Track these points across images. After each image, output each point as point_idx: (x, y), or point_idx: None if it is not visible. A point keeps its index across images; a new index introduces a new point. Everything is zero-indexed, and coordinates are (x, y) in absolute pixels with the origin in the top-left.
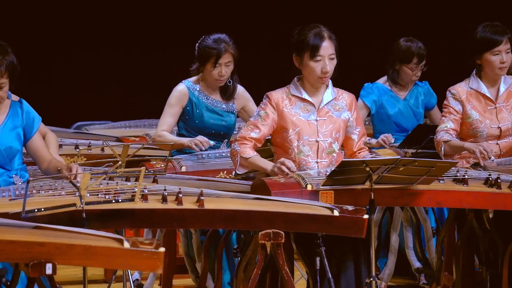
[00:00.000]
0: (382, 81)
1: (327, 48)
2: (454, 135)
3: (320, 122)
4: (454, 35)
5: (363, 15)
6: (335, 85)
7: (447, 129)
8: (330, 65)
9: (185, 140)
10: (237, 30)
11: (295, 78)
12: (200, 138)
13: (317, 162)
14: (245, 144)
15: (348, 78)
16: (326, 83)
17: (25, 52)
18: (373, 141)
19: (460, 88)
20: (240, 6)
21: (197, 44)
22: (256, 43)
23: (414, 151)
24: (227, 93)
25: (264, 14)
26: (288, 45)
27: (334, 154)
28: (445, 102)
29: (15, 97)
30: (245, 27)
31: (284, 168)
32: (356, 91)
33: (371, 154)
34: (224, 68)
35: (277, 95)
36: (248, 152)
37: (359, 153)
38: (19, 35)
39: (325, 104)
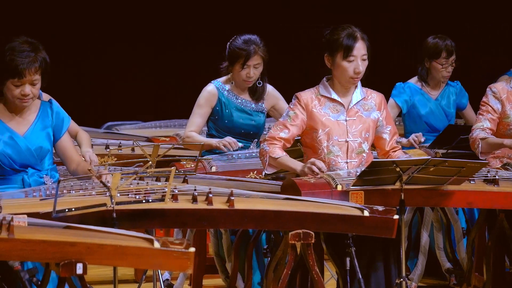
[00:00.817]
0: (413, 80)
1: (360, 48)
2: (489, 134)
3: (349, 122)
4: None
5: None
6: None
7: (483, 128)
8: (362, 66)
9: (213, 141)
10: (268, 30)
11: (324, 79)
12: (229, 139)
13: (346, 163)
14: (274, 144)
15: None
16: (356, 84)
17: (57, 52)
18: (404, 140)
19: (501, 87)
20: (269, 5)
21: (228, 44)
22: (285, 43)
23: (444, 151)
24: (256, 94)
25: (292, 13)
26: (319, 45)
27: (364, 154)
28: (483, 99)
29: (46, 97)
30: (276, 26)
31: (314, 168)
32: None
33: (405, 154)
34: (253, 70)
35: (306, 95)
36: (277, 152)
37: (393, 151)
38: (51, 34)
39: (355, 104)
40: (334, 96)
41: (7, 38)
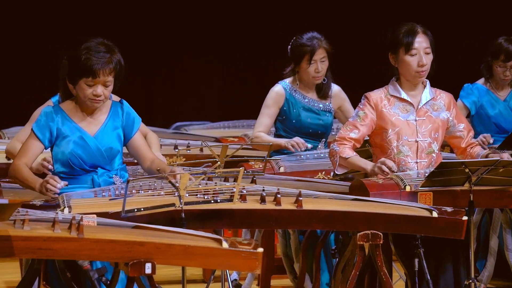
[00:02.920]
0: (481, 81)
1: (421, 42)
2: None
3: (419, 122)
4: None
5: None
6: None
7: None
8: (426, 59)
9: (282, 141)
10: (332, 32)
11: (393, 79)
12: (297, 139)
13: (416, 163)
14: (344, 144)
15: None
16: (423, 78)
17: (127, 52)
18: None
19: None
20: (336, 5)
21: (290, 45)
22: (352, 45)
23: None
24: (322, 91)
25: (356, 15)
26: (383, 45)
27: (434, 155)
28: None
29: (115, 97)
30: (341, 29)
31: (384, 168)
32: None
33: (484, 150)
34: (320, 64)
35: (376, 95)
36: (347, 152)
37: (471, 148)
38: (122, 37)
39: (424, 104)
40: (404, 96)
41: (83, 38)
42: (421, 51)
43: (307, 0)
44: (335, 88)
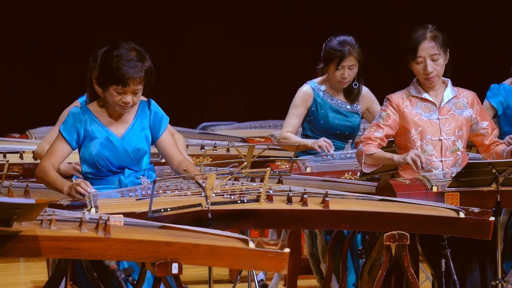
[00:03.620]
0: (508, 82)
1: (427, 48)
2: None
3: (442, 120)
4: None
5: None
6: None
7: None
8: (432, 66)
9: (309, 142)
10: (363, 33)
11: (415, 79)
12: (324, 140)
13: (441, 161)
14: (369, 143)
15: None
16: (434, 84)
17: (153, 53)
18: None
19: None
20: (369, 7)
21: (324, 45)
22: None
23: None
24: (351, 95)
25: (387, 14)
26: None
27: (459, 153)
28: None
29: (142, 97)
30: (370, 30)
31: (418, 162)
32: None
33: (509, 145)
34: (347, 71)
35: (397, 97)
36: (373, 149)
37: (496, 146)
38: (148, 36)
39: (446, 103)
40: (425, 95)
41: (114, 42)
42: (427, 59)
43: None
44: (364, 90)
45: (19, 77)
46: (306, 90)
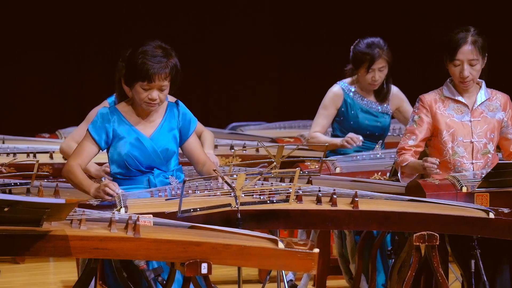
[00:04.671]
0: None
1: (466, 53)
2: None
3: (474, 123)
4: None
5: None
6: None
7: None
8: (468, 71)
9: (337, 140)
10: (392, 32)
11: (448, 80)
12: (351, 135)
13: (472, 163)
14: (403, 154)
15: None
16: (468, 87)
17: (183, 53)
18: None
19: None
20: (396, 7)
21: (352, 48)
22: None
23: None
24: (381, 95)
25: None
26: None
27: (489, 155)
28: None
29: (171, 98)
30: (399, 29)
31: (427, 164)
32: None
33: None
34: (378, 73)
35: (430, 97)
36: (406, 158)
37: None
38: (178, 36)
39: (479, 105)
40: (458, 97)
41: (140, 39)
42: (464, 63)
43: (368, 1)
44: (394, 90)
45: (50, 77)
46: (336, 90)
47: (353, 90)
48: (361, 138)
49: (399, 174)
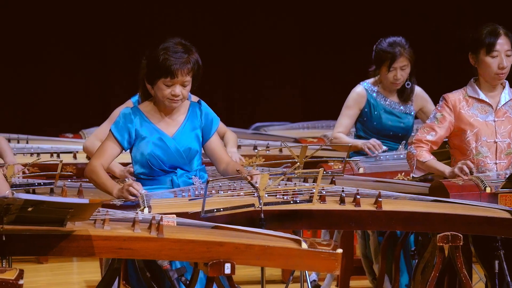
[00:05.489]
0: None
1: (502, 44)
2: None
3: (498, 123)
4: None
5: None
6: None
7: None
8: (506, 61)
9: (359, 142)
10: (415, 32)
11: (472, 80)
12: (373, 141)
13: (495, 164)
14: (421, 147)
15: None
16: (502, 80)
17: (206, 53)
18: None
19: None
20: (415, 7)
21: (374, 47)
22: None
23: None
24: (404, 95)
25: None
26: (463, 46)
27: None
28: None
29: (194, 98)
30: (422, 28)
31: (465, 168)
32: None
33: None
34: (400, 72)
35: (454, 96)
36: (425, 155)
37: None
38: (201, 37)
39: (503, 105)
40: (482, 96)
41: (162, 38)
42: (502, 53)
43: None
44: (417, 90)
45: (74, 77)
46: (359, 91)
47: (376, 90)
48: (384, 147)
49: (413, 165)
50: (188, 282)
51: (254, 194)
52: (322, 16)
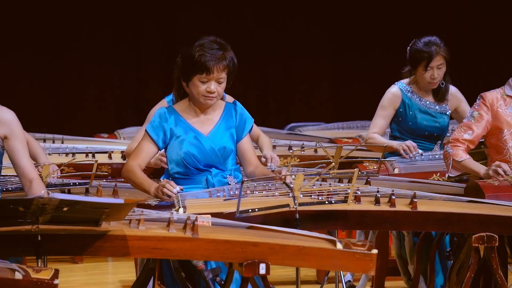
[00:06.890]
0: None
1: None
2: None
3: None
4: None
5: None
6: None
7: None
8: None
9: (394, 143)
10: (447, 30)
11: (510, 79)
12: (409, 143)
13: None
14: (457, 146)
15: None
16: None
17: (240, 54)
18: None
19: None
20: (452, 6)
21: (408, 48)
22: (470, 44)
23: None
24: (439, 94)
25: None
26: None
27: None
28: None
29: (229, 98)
30: (457, 26)
31: (500, 170)
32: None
33: None
34: (436, 71)
35: (492, 95)
36: (461, 154)
37: None
38: (235, 37)
39: None
40: None
41: (197, 37)
42: None
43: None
44: (452, 90)
45: (108, 77)
46: (394, 91)
47: (411, 90)
48: (420, 150)
49: (449, 164)
50: (223, 282)
51: (289, 195)
52: (353, 18)
